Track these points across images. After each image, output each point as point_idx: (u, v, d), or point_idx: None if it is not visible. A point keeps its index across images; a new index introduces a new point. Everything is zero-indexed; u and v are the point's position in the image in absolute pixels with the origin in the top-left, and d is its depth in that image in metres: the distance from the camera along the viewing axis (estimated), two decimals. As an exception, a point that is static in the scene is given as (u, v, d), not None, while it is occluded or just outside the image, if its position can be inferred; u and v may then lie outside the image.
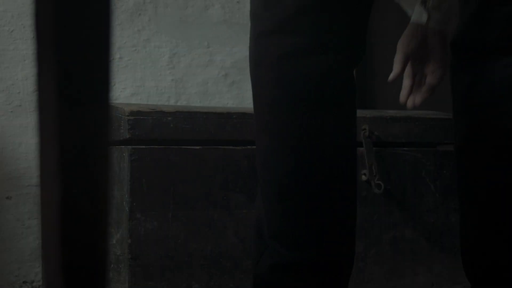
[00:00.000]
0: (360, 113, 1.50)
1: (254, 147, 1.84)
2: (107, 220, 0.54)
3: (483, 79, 1.24)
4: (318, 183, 1.24)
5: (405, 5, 1.64)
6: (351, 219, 1.29)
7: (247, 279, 1.75)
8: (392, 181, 1.88)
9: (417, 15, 1.54)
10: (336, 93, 1.24)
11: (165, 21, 2.23)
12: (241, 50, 2.28)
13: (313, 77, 1.21)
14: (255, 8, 1.26)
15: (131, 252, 1.68)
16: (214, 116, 1.75)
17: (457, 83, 1.29)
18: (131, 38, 2.19)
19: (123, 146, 1.71)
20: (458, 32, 1.28)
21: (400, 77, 1.49)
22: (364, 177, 1.85)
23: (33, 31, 0.52)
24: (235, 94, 2.28)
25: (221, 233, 1.75)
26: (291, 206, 1.25)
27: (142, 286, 1.69)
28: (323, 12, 1.22)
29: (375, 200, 1.86)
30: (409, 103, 1.51)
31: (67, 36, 0.51)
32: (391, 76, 1.49)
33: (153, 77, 2.21)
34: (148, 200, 1.69)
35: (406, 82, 1.51)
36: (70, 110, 0.51)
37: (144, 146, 1.71)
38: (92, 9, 0.51)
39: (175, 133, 1.72)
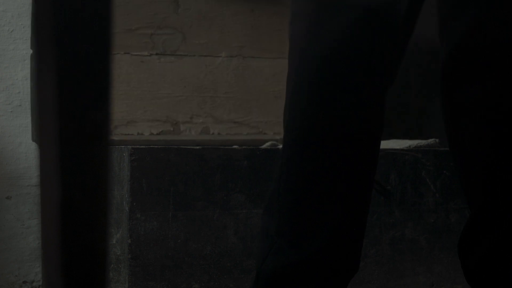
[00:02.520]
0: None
1: (254, 147, 1.84)
2: (107, 220, 0.53)
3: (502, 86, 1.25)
4: (327, 183, 1.25)
5: None
6: (357, 221, 1.29)
7: (247, 279, 1.75)
8: (392, 181, 1.88)
9: None
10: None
11: (165, 21, 2.23)
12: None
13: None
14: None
15: (131, 252, 1.68)
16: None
17: (461, 95, 1.28)
18: (131, 38, 2.19)
19: (123, 146, 1.71)
20: (456, 44, 1.27)
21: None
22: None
23: (33, 31, 0.52)
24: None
25: (221, 233, 1.75)
26: (300, 204, 1.25)
27: (142, 286, 1.69)
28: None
29: (375, 200, 1.86)
30: None
31: (67, 36, 0.51)
32: None
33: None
34: (148, 200, 1.69)
35: None
36: (70, 110, 0.51)
37: (144, 146, 1.71)
38: (92, 9, 0.51)
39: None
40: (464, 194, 1.34)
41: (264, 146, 1.92)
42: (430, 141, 1.98)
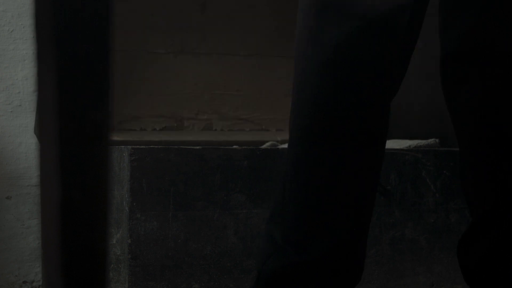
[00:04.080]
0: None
1: (254, 147, 1.84)
2: (107, 220, 0.53)
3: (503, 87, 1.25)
4: (329, 185, 1.25)
5: None
6: (360, 223, 1.30)
7: (247, 279, 1.75)
8: (392, 181, 1.88)
9: None
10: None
11: (165, 21, 2.23)
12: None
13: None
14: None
15: (131, 252, 1.68)
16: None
17: (462, 96, 1.29)
18: (131, 38, 2.19)
19: (123, 146, 1.71)
20: (456, 44, 1.28)
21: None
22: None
23: (33, 31, 0.52)
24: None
25: (221, 233, 1.75)
26: (303, 207, 1.26)
27: (142, 286, 1.69)
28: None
29: (375, 200, 1.86)
30: None
31: (67, 36, 0.51)
32: None
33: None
34: (148, 200, 1.69)
35: None
36: (70, 110, 0.51)
37: (144, 146, 1.71)
38: (92, 9, 0.51)
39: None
40: (464, 194, 1.34)
41: (264, 146, 1.92)
42: (430, 141, 1.98)
